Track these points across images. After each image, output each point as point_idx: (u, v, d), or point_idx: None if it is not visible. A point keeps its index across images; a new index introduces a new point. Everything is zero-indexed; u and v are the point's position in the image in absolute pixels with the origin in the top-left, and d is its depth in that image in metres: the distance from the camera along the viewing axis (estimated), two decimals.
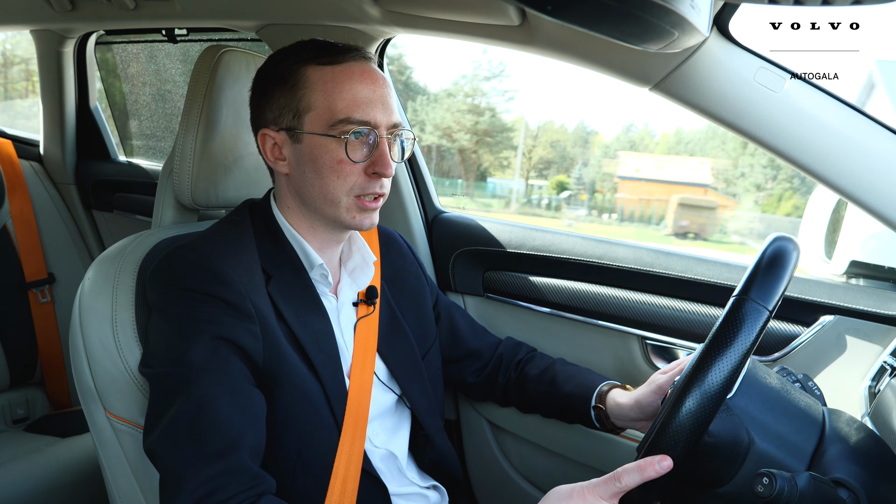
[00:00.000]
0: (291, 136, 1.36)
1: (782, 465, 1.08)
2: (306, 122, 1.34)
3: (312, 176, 1.35)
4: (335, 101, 1.32)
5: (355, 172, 1.34)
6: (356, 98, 1.32)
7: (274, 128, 1.38)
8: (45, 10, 2.35)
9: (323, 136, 1.32)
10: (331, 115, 1.31)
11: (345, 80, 1.33)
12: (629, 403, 1.54)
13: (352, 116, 1.31)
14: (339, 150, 1.32)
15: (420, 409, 1.55)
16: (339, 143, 1.31)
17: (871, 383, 1.51)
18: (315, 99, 1.33)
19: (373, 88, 1.34)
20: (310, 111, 1.33)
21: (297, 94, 1.34)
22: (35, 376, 2.73)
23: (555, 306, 1.99)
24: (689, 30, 1.03)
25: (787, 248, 1.10)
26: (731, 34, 1.49)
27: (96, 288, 1.44)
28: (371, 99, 1.33)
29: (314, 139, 1.33)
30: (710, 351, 1.03)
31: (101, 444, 1.46)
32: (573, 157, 30.67)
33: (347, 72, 1.34)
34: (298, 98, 1.34)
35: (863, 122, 1.45)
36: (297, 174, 1.38)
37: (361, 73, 1.35)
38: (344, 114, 1.31)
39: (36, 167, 2.98)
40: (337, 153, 1.32)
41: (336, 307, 1.47)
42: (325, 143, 1.32)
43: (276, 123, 1.37)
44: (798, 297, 1.67)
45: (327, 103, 1.32)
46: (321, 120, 1.32)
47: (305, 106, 1.33)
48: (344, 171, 1.33)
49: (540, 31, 1.61)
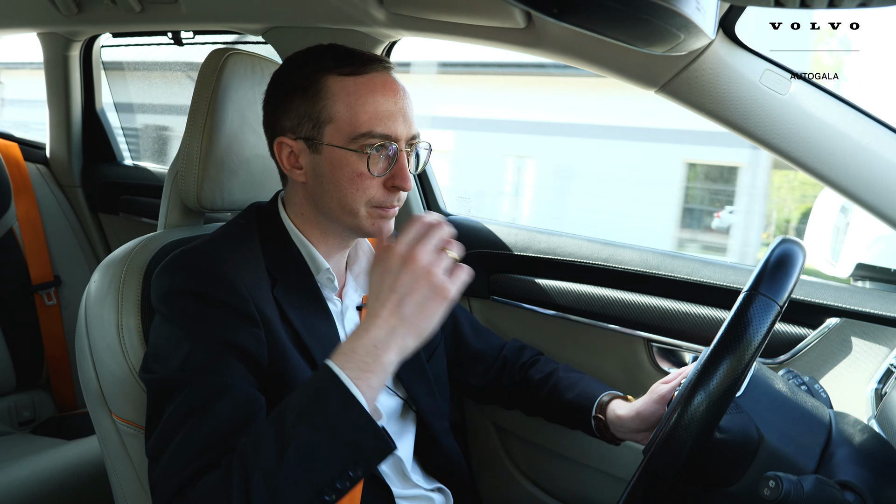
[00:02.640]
0: (310, 145, 1.34)
1: (792, 464, 1.08)
2: (326, 133, 1.32)
3: (330, 187, 1.34)
4: (357, 115, 1.30)
5: (374, 186, 1.33)
6: (378, 111, 1.31)
7: (291, 136, 1.36)
8: (51, 13, 2.36)
9: (343, 150, 1.31)
10: (353, 128, 1.30)
11: (367, 92, 1.32)
12: (629, 415, 1.54)
13: (374, 130, 1.30)
14: (359, 163, 1.31)
15: (426, 412, 1.55)
16: (360, 157, 1.30)
17: (878, 386, 1.51)
18: (337, 111, 1.31)
19: (395, 101, 1.33)
20: (331, 123, 1.32)
21: (317, 104, 1.32)
22: (41, 379, 2.74)
23: (560, 309, 1.98)
24: (694, 32, 1.03)
25: (794, 249, 1.10)
26: (736, 36, 1.49)
27: (102, 291, 1.44)
28: (393, 112, 1.32)
29: (334, 151, 1.32)
30: (722, 344, 1.03)
31: (107, 446, 1.46)
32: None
33: (370, 84, 1.33)
34: (319, 108, 1.32)
35: (869, 125, 1.45)
36: (314, 184, 1.37)
37: (384, 85, 1.34)
38: (366, 127, 1.30)
39: (42, 170, 2.99)
40: (357, 166, 1.31)
41: (341, 311, 1.47)
42: (346, 157, 1.31)
43: (294, 132, 1.36)
44: (804, 299, 1.67)
45: (349, 116, 1.30)
46: (342, 133, 1.31)
47: (326, 117, 1.32)
48: (363, 185, 1.32)
49: (546, 34, 1.61)
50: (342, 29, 1.94)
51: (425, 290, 1.11)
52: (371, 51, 1.95)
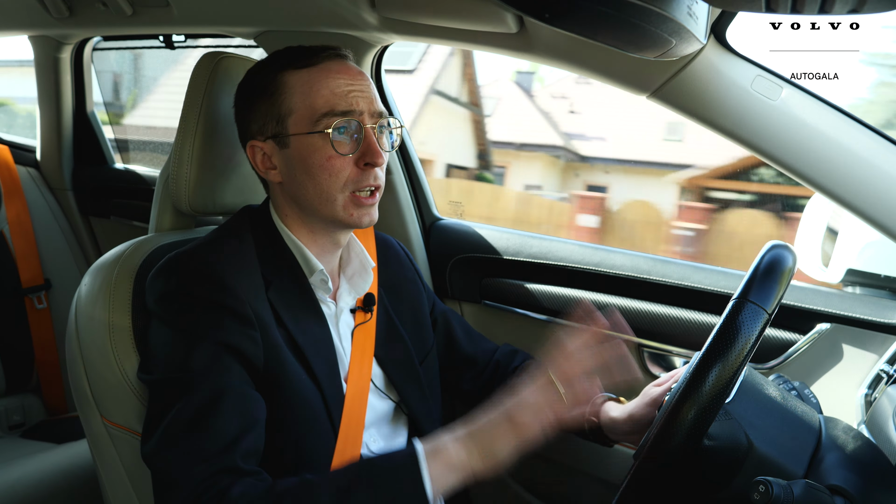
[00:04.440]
0: (278, 142, 1.37)
1: (781, 469, 1.08)
2: (290, 125, 1.35)
3: (304, 178, 1.36)
4: (315, 99, 1.33)
5: (346, 166, 1.35)
6: (334, 91, 1.34)
7: (261, 138, 1.39)
8: (42, 16, 2.35)
9: (308, 135, 1.33)
10: (312, 111, 1.33)
11: (322, 77, 1.35)
12: (622, 417, 1.54)
13: (333, 109, 1.33)
14: (326, 146, 1.33)
15: (418, 416, 1.55)
16: (325, 139, 1.32)
17: (867, 391, 1.51)
18: (295, 101, 1.34)
19: (350, 81, 1.36)
20: (292, 114, 1.35)
21: (277, 100, 1.36)
22: (31, 382, 2.72)
23: (552, 313, 1.99)
24: (686, 37, 1.03)
25: (784, 255, 1.10)
26: (728, 42, 1.49)
27: (93, 294, 1.43)
28: (350, 90, 1.35)
29: (300, 140, 1.34)
30: (711, 352, 1.03)
31: (97, 450, 1.46)
32: None
33: (325, 70, 1.36)
34: (280, 104, 1.35)
35: (859, 131, 1.45)
36: (289, 180, 1.39)
37: (338, 69, 1.37)
38: (325, 108, 1.33)
39: (33, 173, 2.98)
40: (325, 150, 1.33)
41: (334, 313, 1.47)
42: (312, 142, 1.33)
43: (262, 133, 1.38)
44: (794, 304, 1.67)
45: (308, 102, 1.33)
46: (304, 119, 1.34)
47: (287, 110, 1.35)
48: (335, 167, 1.34)
49: (538, 39, 1.62)
50: (334, 33, 1.94)
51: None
52: (363, 55, 1.96)
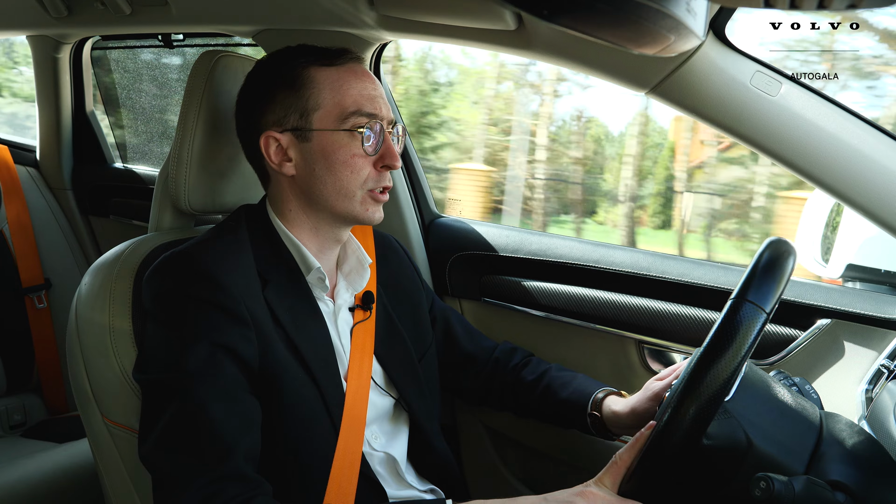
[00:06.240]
0: (298, 135, 1.38)
1: (781, 467, 1.08)
2: (315, 120, 1.36)
3: (324, 173, 1.37)
4: (344, 97, 1.36)
5: (367, 166, 1.38)
6: (362, 94, 1.37)
7: (278, 129, 1.39)
8: (40, 15, 2.34)
9: (335, 132, 1.36)
10: (341, 109, 1.36)
11: (350, 77, 1.38)
12: (625, 411, 1.54)
13: (362, 109, 1.36)
14: (352, 143, 1.36)
15: (418, 413, 1.55)
16: (352, 137, 1.36)
17: (868, 387, 1.51)
18: (324, 97, 1.37)
19: (374, 86, 1.41)
20: (318, 109, 1.36)
21: (304, 94, 1.37)
22: (32, 382, 2.72)
23: (551, 310, 1.98)
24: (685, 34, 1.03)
25: (784, 251, 1.10)
26: (727, 38, 1.49)
27: (93, 293, 1.44)
28: (374, 95, 1.39)
29: (325, 136, 1.36)
30: (709, 353, 1.03)
31: (98, 449, 1.46)
32: None
33: (350, 71, 1.39)
34: (306, 98, 1.37)
35: (858, 126, 1.45)
36: (305, 174, 1.39)
37: (362, 72, 1.41)
38: (354, 107, 1.36)
39: (32, 172, 2.98)
40: (351, 147, 1.36)
41: (332, 311, 1.47)
42: (338, 139, 1.36)
43: (280, 125, 1.38)
44: (794, 300, 1.67)
45: (337, 99, 1.36)
46: (332, 115, 1.36)
47: (314, 105, 1.37)
48: (357, 166, 1.37)
49: (536, 36, 1.61)
50: (333, 31, 1.93)
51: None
52: (362, 53, 1.96)
